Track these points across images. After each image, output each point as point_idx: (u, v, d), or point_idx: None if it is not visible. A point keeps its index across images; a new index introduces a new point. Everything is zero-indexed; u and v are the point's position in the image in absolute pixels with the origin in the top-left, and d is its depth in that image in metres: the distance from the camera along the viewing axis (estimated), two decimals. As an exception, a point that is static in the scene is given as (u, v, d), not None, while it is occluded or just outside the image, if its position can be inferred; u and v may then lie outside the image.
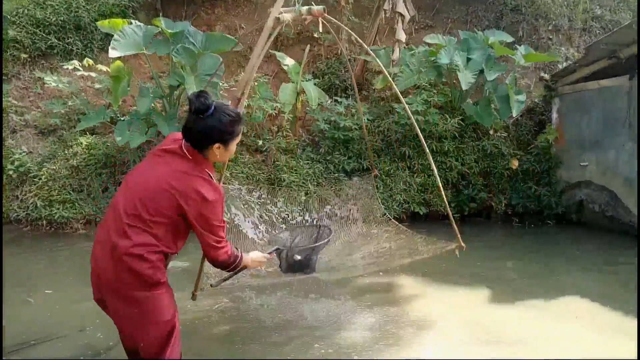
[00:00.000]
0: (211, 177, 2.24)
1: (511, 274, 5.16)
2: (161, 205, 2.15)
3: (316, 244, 3.78)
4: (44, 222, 6.55)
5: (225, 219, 2.39)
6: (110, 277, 2.15)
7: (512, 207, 8.01)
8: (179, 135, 2.29)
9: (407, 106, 3.89)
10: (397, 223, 5.04)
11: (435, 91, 8.16)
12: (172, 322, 2.22)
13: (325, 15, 3.18)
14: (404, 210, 7.63)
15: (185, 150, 2.22)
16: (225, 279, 2.88)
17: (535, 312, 4.01)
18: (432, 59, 8.07)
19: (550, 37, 10.47)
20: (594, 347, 3.34)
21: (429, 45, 8.50)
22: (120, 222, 2.14)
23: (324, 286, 4.57)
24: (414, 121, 3.88)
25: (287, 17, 3.00)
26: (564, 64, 8.97)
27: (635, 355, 2.83)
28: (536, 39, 10.35)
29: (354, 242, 4.93)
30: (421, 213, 7.68)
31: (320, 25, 3.18)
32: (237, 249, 2.44)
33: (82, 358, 3.08)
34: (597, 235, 7.05)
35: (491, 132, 8.24)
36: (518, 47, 8.33)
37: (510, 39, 8.61)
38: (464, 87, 7.42)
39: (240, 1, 11.94)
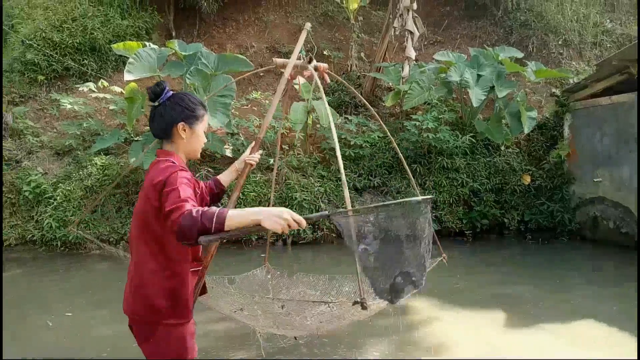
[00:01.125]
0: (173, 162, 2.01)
1: (526, 295, 5.09)
2: None
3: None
4: (59, 242, 6.63)
5: None
6: None
7: (525, 223, 7.94)
8: None
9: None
10: None
11: (445, 108, 8.16)
12: None
13: (327, 71, 3.25)
14: (415, 227, 7.59)
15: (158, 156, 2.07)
16: (220, 239, 1.84)
17: (550, 336, 3.95)
18: (442, 75, 8.10)
19: (561, 51, 10.46)
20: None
21: (439, 62, 8.54)
22: None
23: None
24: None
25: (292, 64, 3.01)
26: (575, 79, 8.93)
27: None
28: (546, 54, 10.36)
29: None
30: (433, 230, 7.62)
31: (326, 77, 3.24)
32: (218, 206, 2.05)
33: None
34: (612, 252, 6.95)
35: (502, 148, 8.21)
36: (528, 63, 8.35)
37: (520, 55, 8.63)
38: (474, 104, 7.43)
39: (250, 20, 12.12)
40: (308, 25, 3.12)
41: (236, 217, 1.68)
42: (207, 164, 7.57)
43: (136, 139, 7.41)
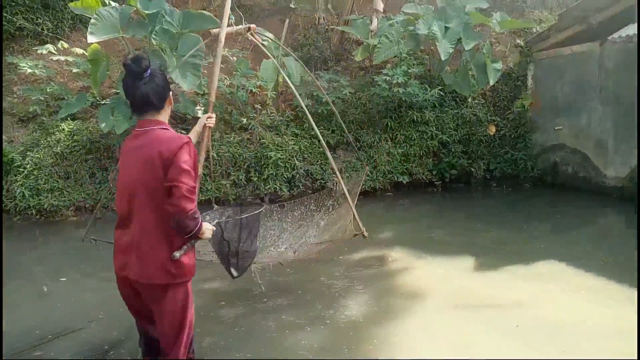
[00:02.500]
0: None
1: (493, 240, 5.48)
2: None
3: (243, 216, 3.08)
4: (33, 211, 6.55)
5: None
6: None
7: (491, 172, 8.36)
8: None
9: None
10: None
11: (414, 62, 8.25)
12: None
13: (254, 31, 3.79)
14: (388, 180, 7.88)
15: (148, 126, 2.29)
16: (189, 247, 2.37)
17: (517, 276, 4.35)
18: (411, 28, 8.12)
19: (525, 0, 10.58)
20: (569, 307, 3.69)
21: (407, 14, 8.53)
22: None
23: (315, 263, 4.80)
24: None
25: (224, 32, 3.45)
26: (538, 28, 9.14)
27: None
28: (510, 2, 10.45)
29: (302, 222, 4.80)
30: (404, 182, 7.93)
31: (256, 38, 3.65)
32: None
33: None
34: (571, 195, 7.47)
35: (469, 99, 8.46)
36: (493, 13, 8.45)
37: (485, 5, 8.70)
38: (443, 58, 7.55)
39: (212, -29, 11.57)
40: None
41: (201, 227, 2.28)
42: (179, 125, 7.49)
43: (103, 102, 7.21)
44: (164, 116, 2.36)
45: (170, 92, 2.37)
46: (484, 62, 7.83)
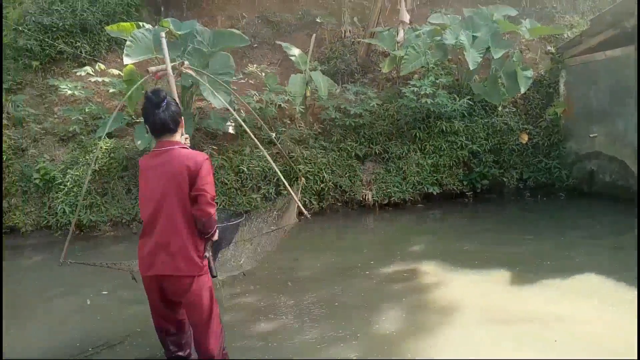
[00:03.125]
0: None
1: (528, 252, 5.35)
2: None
3: (226, 224, 3.44)
4: (74, 227, 6.81)
5: None
6: None
7: (524, 181, 8.19)
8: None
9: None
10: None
11: (442, 72, 8.21)
12: None
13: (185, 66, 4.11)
14: (418, 191, 7.82)
15: (167, 145, 2.68)
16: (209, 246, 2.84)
17: (553, 290, 4.23)
18: (437, 38, 8.10)
19: (555, 5, 10.40)
20: (609, 322, 3.56)
21: (433, 24, 8.51)
22: None
23: (346, 277, 4.80)
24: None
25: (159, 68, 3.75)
26: (570, 34, 8.95)
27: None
28: (540, 9, 10.29)
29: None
30: (435, 193, 7.85)
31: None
32: None
33: None
34: (609, 205, 7.22)
35: (500, 108, 8.33)
36: (522, 20, 8.34)
37: (514, 12, 8.62)
38: (471, 67, 7.49)
39: (239, -11, 11.88)
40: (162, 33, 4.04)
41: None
42: (210, 141, 7.67)
43: (138, 120, 7.47)
44: (178, 137, 2.75)
45: (182, 117, 2.77)
46: (514, 70, 7.72)
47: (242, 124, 4.73)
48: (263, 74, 8.75)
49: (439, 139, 7.99)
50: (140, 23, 6.96)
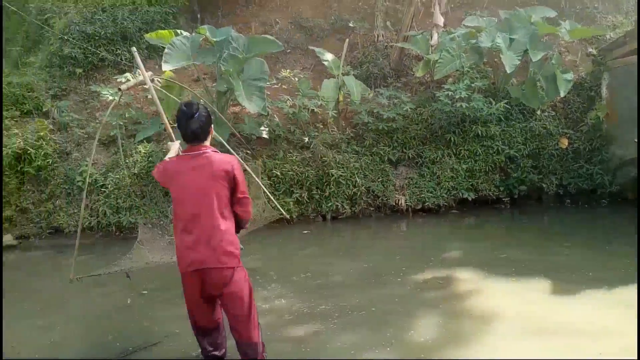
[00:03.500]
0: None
1: (569, 261, 5.17)
2: None
3: None
4: (114, 227, 7.05)
5: None
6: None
7: (564, 187, 7.92)
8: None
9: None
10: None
11: (477, 75, 8.06)
12: None
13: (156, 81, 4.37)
14: (452, 197, 7.69)
15: (199, 150, 2.90)
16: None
17: (597, 302, 4.07)
18: (473, 41, 7.97)
19: (596, 5, 10.05)
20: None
21: (468, 27, 8.38)
22: None
23: (379, 283, 4.76)
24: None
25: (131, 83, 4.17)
26: (612, 34, 8.64)
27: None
28: (580, 9, 9.97)
29: None
30: (470, 199, 7.70)
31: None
32: None
33: None
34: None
35: (538, 112, 8.11)
36: (562, 22, 8.11)
37: (553, 14, 8.39)
38: (508, 70, 7.32)
39: (273, -5, 12.04)
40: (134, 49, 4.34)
41: None
42: (244, 145, 7.78)
43: (174, 125, 7.64)
44: (208, 141, 2.99)
45: (212, 126, 3.03)
46: (553, 73, 7.51)
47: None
48: (296, 79, 8.82)
49: (475, 143, 7.84)
50: (178, 31, 7.16)
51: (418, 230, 7.11)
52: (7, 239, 7.03)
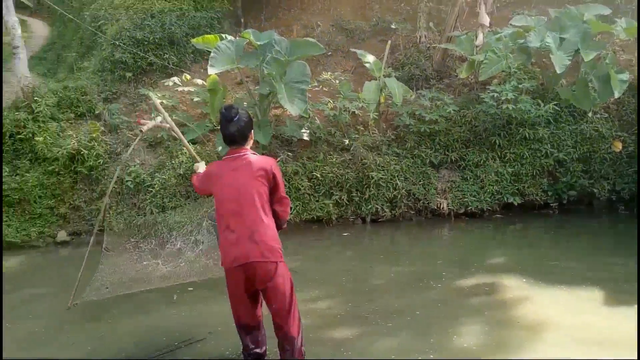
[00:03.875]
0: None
1: (622, 271, 4.91)
2: None
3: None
4: (160, 226, 7.27)
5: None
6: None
7: (617, 193, 7.54)
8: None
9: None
10: None
11: (525, 76, 7.81)
12: None
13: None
14: (496, 201, 7.48)
15: (239, 152, 3.00)
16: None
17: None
18: (520, 41, 7.72)
19: (654, 1, 9.52)
20: None
21: (515, 26, 8.13)
22: None
23: (422, 288, 4.68)
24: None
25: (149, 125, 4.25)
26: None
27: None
28: (636, 6, 9.47)
29: None
30: (515, 203, 7.46)
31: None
32: None
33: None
34: None
35: (590, 114, 7.75)
36: (617, 20, 7.73)
37: (607, 11, 8.01)
38: (558, 71, 7.05)
39: (315, -2, 12.13)
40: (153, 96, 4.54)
41: None
42: (285, 147, 7.86)
43: (219, 127, 7.83)
44: (248, 145, 3.05)
45: (252, 130, 3.08)
46: (607, 73, 7.16)
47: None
48: (337, 81, 8.84)
49: (521, 146, 7.59)
50: (223, 35, 7.32)
51: (460, 235, 6.95)
52: (61, 235, 7.41)
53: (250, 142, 3.07)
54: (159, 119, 4.36)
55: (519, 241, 6.48)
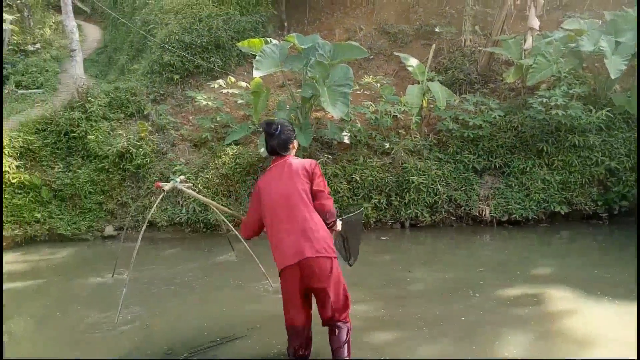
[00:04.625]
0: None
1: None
2: None
3: (345, 217, 3.53)
4: (201, 224, 7.46)
5: None
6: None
7: (674, 205, 7.12)
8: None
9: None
10: None
11: (576, 81, 7.52)
12: None
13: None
14: (542, 209, 7.23)
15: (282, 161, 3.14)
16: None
17: None
18: (572, 45, 7.45)
19: None
20: None
21: (566, 30, 7.86)
22: None
23: (463, 295, 4.58)
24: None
25: (168, 187, 4.57)
26: None
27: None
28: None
29: None
30: (562, 212, 7.19)
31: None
32: None
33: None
34: None
35: (645, 121, 7.37)
36: (679, 22, 7.31)
37: (667, 14, 7.59)
38: (613, 75, 6.76)
39: (358, 2, 12.16)
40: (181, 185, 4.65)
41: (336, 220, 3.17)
42: (325, 150, 7.90)
43: (261, 130, 7.97)
44: (291, 153, 3.19)
45: (295, 140, 3.21)
46: (665, 79, 6.80)
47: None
48: (378, 85, 8.82)
49: (570, 154, 7.32)
50: (268, 39, 7.46)
51: (503, 243, 6.75)
52: (109, 229, 7.73)
53: (293, 151, 3.20)
54: (178, 179, 4.75)
55: (566, 251, 6.22)
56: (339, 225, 3.18)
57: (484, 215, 7.32)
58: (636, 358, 2.79)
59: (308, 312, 3.06)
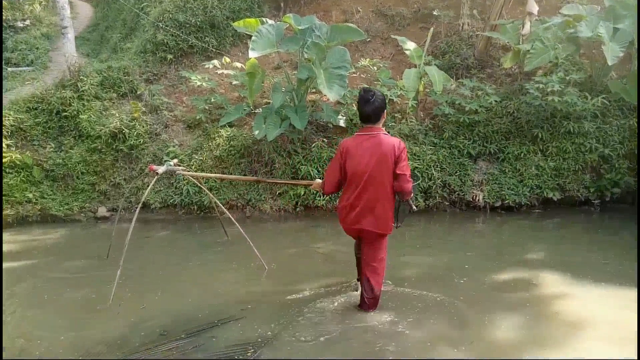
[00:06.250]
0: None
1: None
2: None
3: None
4: (195, 206, 7.43)
5: None
6: None
7: (665, 192, 7.19)
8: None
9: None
10: None
11: (572, 67, 7.50)
12: None
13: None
14: (535, 195, 7.28)
15: (372, 132, 3.47)
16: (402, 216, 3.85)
17: None
18: (570, 31, 7.41)
19: None
20: None
21: (565, 15, 7.80)
22: None
23: (455, 279, 4.62)
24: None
25: (162, 170, 4.71)
26: None
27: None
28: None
29: None
30: (555, 199, 7.24)
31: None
32: None
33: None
34: None
35: (640, 109, 7.40)
36: (678, 9, 7.28)
37: (666, 0, 7.55)
38: (610, 62, 6.74)
39: (355, -17, 11.93)
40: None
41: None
42: (321, 133, 7.85)
43: (256, 111, 7.90)
44: (380, 124, 3.51)
45: (385, 110, 3.50)
46: (662, 66, 6.80)
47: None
48: (375, 68, 8.74)
49: (565, 140, 7.34)
50: (264, 19, 7.33)
51: (496, 228, 6.80)
52: (102, 211, 7.67)
53: (382, 121, 3.50)
54: (172, 162, 4.97)
55: (558, 237, 6.28)
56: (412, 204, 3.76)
57: (477, 200, 7.35)
58: (636, 358, 2.85)
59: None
